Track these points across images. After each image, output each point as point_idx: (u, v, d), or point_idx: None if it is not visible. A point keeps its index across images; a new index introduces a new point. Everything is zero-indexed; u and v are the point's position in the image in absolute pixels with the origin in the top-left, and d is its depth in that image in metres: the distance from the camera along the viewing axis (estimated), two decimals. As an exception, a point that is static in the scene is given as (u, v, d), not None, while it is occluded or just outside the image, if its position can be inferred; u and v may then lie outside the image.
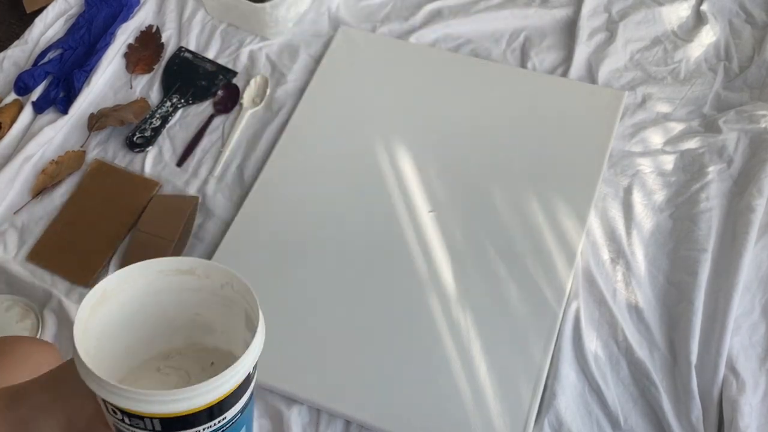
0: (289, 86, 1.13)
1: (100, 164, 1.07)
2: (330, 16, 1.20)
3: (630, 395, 0.84)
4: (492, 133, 1.03)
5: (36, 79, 1.14)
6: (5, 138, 1.09)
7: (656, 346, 0.86)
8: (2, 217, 1.03)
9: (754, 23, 1.12)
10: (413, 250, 0.93)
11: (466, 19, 1.16)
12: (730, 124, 1.00)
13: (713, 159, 0.98)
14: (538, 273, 0.90)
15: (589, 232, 0.94)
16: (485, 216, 0.95)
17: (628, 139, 1.02)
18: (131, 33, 1.21)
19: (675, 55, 1.10)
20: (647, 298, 0.89)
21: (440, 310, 0.89)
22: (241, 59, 1.17)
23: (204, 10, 1.22)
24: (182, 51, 1.18)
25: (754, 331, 0.86)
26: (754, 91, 1.05)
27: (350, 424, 0.84)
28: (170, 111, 1.11)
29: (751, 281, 0.88)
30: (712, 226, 0.92)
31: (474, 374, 0.84)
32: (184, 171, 1.06)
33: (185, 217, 0.98)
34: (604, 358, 0.86)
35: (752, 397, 0.81)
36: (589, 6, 1.15)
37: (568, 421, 0.81)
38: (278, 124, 1.09)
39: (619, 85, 1.08)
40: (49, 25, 1.23)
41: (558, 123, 1.03)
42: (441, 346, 0.86)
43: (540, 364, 0.84)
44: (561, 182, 0.97)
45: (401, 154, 1.02)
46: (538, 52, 1.12)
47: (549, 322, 0.87)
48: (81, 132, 1.11)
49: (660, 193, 0.97)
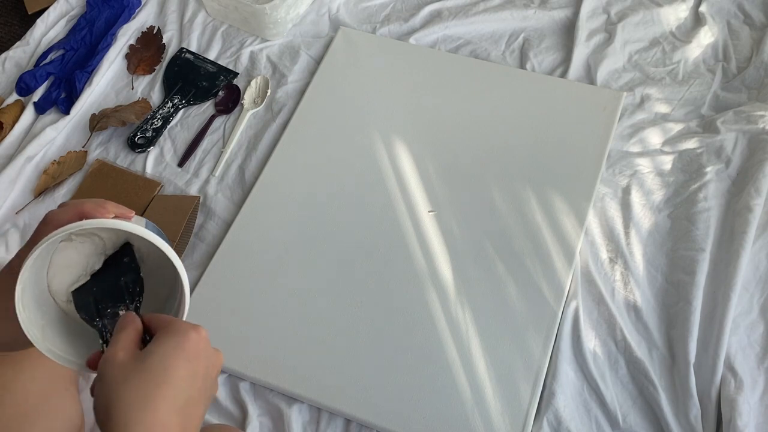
0: (289, 87, 1.13)
1: (101, 164, 1.07)
2: (330, 17, 1.21)
3: (629, 394, 0.84)
4: (491, 134, 1.04)
5: (38, 79, 1.15)
6: (7, 138, 1.09)
7: (655, 346, 0.86)
8: (4, 217, 1.03)
9: (752, 24, 1.13)
10: (413, 250, 0.94)
11: (465, 21, 1.17)
12: (729, 124, 1.00)
13: (711, 159, 0.98)
14: (537, 272, 0.91)
15: (588, 232, 0.94)
16: (485, 216, 0.96)
17: (626, 139, 1.02)
18: (133, 34, 1.21)
19: (673, 56, 1.10)
20: (646, 297, 0.90)
21: (440, 309, 0.89)
22: (242, 60, 1.17)
23: (205, 11, 1.23)
24: (183, 52, 1.19)
25: (752, 331, 0.86)
26: (752, 92, 1.05)
27: (350, 422, 0.85)
28: (171, 111, 1.12)
29: (749, 281, 0.89)
30: (710, 226, 0.92)
31: (473, 373, 0.85)
32: (186, 171, 1.06)
33: (186, 217, 0.99)
34: (603, 357, 0.86)
35: (750, 396, 0.81)
36: (587, 7, 1.16)
37: (566, 419, 0.82)
38: (279, 125, 1.09)
39: (618, 86, 1.08)
40: (50, 26, 1.23)
41: (557, 123, 1.03)
42: (440, 344, 0.87)
43: (539, 363, 0.85)
44: (560, 182, 0.98)
45: (401, 155, 1.03)
46: (537, 53, 1.13)
47: (548, 321, 0.87)
48: (82, 132, 1.12)
49: (658, 193, 0.97)
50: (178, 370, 0.45)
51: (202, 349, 0.48)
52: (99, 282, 0.56)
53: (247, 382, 0.88)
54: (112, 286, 0.55)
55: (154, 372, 0.45)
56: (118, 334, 0.48)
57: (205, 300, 0.93)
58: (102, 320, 0.53)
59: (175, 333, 0.47)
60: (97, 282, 0.56)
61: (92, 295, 0.55)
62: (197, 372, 0.47)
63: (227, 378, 0.88)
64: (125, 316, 0.50)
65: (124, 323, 0.49)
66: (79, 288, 0.56)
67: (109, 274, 0.56)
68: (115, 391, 0.44)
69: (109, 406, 0.44)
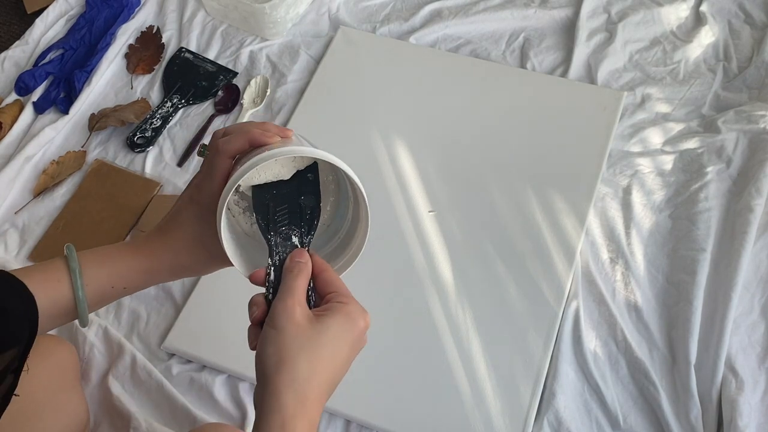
0: (289, 87, 1.13)
1: (100, 164, 1.07)
2: (330, 16, 1.20)
3: (629, 394, 0.84)
4: (491, 134, 1.03)
5: (37, 79, 1.14)
6: (6, 138, 1.09)
7: (655, 346, 0.86)
8: (3, 217, 1.03)
9: (753, 24, 1.12)
10: (413, 250, 0.94)
11: (465, 20, 1.17)
12: (729, 124, 1.00)
13: (712, 159, 0.98)
14: (537, 273, 0.90)
15: (589, 232, 0.94)
16: (485, 216, 0.96)
17: (627, 139, 1.02)
18: (132, 33, 1.21)
19: (674, 55, 1.10)
20: (646, 297, 0.89)
21: (440, 309, 0.89)
22: (242, 60, 1.17)
23: (204, 10, 1.22)
24: (183, 51, 1.18)
25: (753, 331, 0.86)
26: (753, 92, 1.05)
27: (350, 423, 0.84)
28: (171, 111, 1.12)
29: (750, 281, 0.88)
30: (711, 226, 0.92)
31: (474, 373, 0.85)
32: (185, 171, 1.06)
33: (186, 217, 0.98)
34: (604, 358, 0.86)
35: (751, 397, 0.81)
36: (588, 7, 1.15)
37: (567, 420, 0.81)
38: (279, 124, 1.09)
39: (619, 86, 1.08)
40: (49, 26, 1.23)
41: (557, 123, 1.03)
42: (441, 345, 0.87)
43: (539, 363, 0.85)
44: (560, 182, 0.97)
45: (401, 154, 1.02)
46: (538, 53, 1.13)
47: (548, 321, 0.87)
48: (82, 132, 1.11)
49: (659, 193, 0.97)
50: (342, 353, 0.51)
51: (363, 338, 0.53)
52: (280, 187, 0.57)
53: (247, 383, 0.88)
54: (291, 200, 0.56)
55: (326, 350, 0.49)
56: (294, 280, 0.51)
57: (204, 300, 0.93)
58: (276, 236, 0.55)
59: (348, 317, 0.51)
60: (278, 186, 0.57)
61: (270, 200, 0.56)
62: (352, 357, 0.52)
63: (227, 378, 0.88)
64: (299, 255, 0.53)
65: (298, 267, 0.52)
66: (260, 186, 0.57)
67: (292, 186, 0.57)
68: (292, 351, 0.48)
69: (281, 361, 0.48)
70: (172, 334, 0.90)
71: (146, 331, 0.92)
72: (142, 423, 0.82)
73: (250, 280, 0.54)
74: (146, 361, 0.88)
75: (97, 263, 0.58)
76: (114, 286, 0.58)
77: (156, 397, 0.86)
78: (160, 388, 0.86)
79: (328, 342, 0.49)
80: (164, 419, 0.85)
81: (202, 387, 0.87)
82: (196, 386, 0.87)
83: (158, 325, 0.93)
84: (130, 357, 0.88)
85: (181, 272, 0.61)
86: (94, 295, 0.57)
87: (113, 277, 0.58)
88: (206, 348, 0.89)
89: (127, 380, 0.87)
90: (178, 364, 0.89)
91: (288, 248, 0.55)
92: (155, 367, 0.88)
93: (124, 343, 0.89)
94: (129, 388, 0.87)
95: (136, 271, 0.58)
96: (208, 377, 0.87)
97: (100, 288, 0.57)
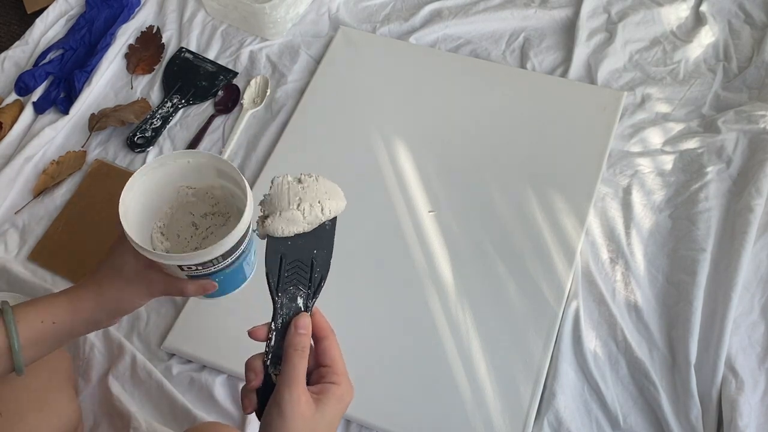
0: (289, 87, 1.13)
1: (100, 164, 1.07)
2: (330, 16, 1.20)
3: (629, 394, 0.84)
4: (491, 134, 1.03)
5: (37, 79, 1.14)
6: (6, 138, 1.09)
7: (655, 346, 0.86)
8: (3, 217, 1.03)
9: (753, 24, 1.13)
10: (413, 250, 0.94)
11: (465, 20, 1.17)
12: (729, 124, 1.00)
13: (712, 159, 0.98)
14: (537, 273, 0.90)
15: (589, 232, 0.94)
16: (485, 216, 0.96)
17: (627, 139, 1.02)
18: (132, 33, 1.21)
19: (674, 55, 1.10)
20: (646, 297, 0.90)
21: (440, 309, 0.89)
22: (242, 60, 1.17)
23: (204, 10, 1.22)
24: (183, 51, 1.18)
25: (753, 331, 0.86)
26: (753, 92, 1.05)
27: (350, 423, 0.85)
28: (171, 111, 1.12)
29: (750, 281, 0.88)
30: (711, 226, 0.92)
31: (474, 373, 0.85)
32: (185, 171, 1.06)
33: (186, 217, 0.99)
34: (604, 358, 0.86)
35: (751, 397, 0.81)
36: (588, 7, 1.15)
37: (567, 420, 0.82)
38: (278, 125, 1.09)
39: (619, 86, 1.08)
40: (49, 26, 1.23)
41: (557, 123, 1.03)
42: (441, 345, 0.87)
43: (539, 363, 0.85)
44: (560, 182, 0.97)
45: (401, 154, 1.02)
46: (538, 53, 1.13)
47: (548, 321, 0.87)
48: (82, 132, 1.11)
49: (659, 193, 0.97)
50: (333, 429, 0.55)
51: (347, 409, 0.57)
52: (295, 239, 0.58)
53: (247, 383, 0.88)
54: (304, 253, 0.58)
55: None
56: (300, 361, 0.55)
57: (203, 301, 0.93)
58: (282, 297, 0.56)
59: (341, 400, 0.55)
60: (293, 239, 0.58)
61: (284, 251, 0.58)
62: (337, 424, 0.56)
63: (227, 378, 0.88)
64: (303, 324, 0.57)
65: (302, 345, 0.56)
66: (276, 238, 0.58)
67: (308, 237, 0.59)
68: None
69: None
70: (172, 334, 0.90)
71: (146, 331, 0.92)
72: (142, 423, 0.82)
73: (250, 336, 0.57)
74: (146, 361, 0.88)
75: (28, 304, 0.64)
76: (43, 321, 0.63)
77: (156, 397, 0.86)
78: (160, 388, 0.86)
79: (324, 426, 0.54)
80: (164, 419, 0.85)
81: (202, 387, 0.87)
82: (196, 386, 0.87)
83: (158, 325, 0.93)
84: (130, 357, 0.88)
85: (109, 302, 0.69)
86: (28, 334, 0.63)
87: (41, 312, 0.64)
88: (206, 348, 0.89)
89: (127, 380, 0.87)
90: (178, 364, 0.89)
91: (292, 311, 0.56)
92: (155, 367, 0.88)
93: (124, 343, 0.89)
94: (129, 388, 0.87)
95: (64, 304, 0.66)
96: (208, 377, 0.87)
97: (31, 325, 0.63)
